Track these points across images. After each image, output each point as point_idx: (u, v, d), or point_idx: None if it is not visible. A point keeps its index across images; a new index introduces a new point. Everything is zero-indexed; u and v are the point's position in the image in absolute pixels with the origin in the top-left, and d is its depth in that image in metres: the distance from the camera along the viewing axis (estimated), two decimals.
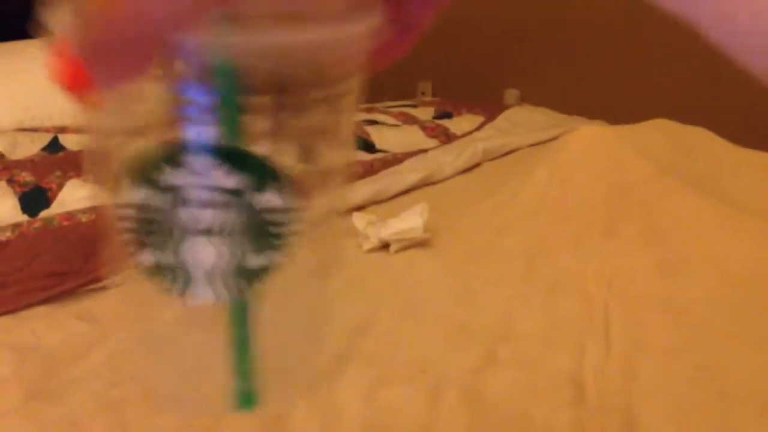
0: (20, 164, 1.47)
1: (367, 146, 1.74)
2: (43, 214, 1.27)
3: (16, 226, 1.21)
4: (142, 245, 0.27)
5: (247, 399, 0.30)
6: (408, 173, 1.49)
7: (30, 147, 1.59)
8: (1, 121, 1.73)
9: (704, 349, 0.86)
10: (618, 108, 2.08)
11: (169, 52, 0.21)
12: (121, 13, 0.19)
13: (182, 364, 0.31)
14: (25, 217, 1.25)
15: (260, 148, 0.26)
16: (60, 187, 1.35)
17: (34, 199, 1.31)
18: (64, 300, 1.02)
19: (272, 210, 0.26)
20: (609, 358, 0.87)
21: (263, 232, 0.26)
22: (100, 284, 1.06)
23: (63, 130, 1.69)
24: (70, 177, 1.39)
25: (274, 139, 0.26)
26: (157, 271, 0.27)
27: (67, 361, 0.88)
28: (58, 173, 1.40)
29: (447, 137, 1.81)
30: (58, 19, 0.23)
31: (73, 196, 1.33)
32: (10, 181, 1.36)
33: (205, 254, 0.26)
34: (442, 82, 3.13)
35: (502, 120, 1.95)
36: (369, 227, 1.17)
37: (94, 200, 1.31)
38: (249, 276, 0.27)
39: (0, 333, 0.94)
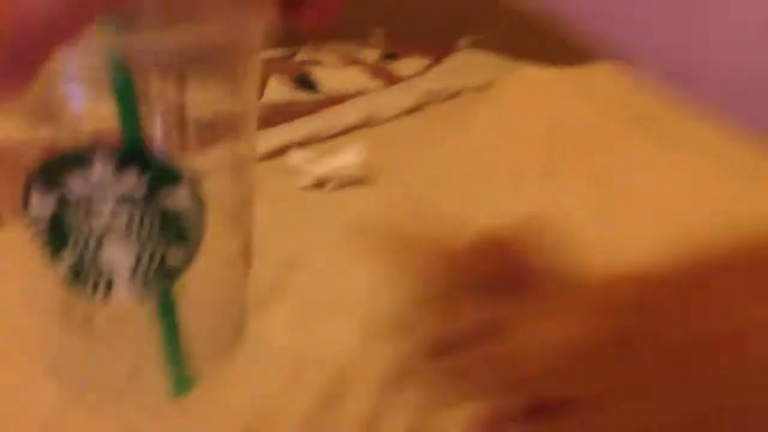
0: None
1: (309, 86, 1.69)
2: None
3: None
4: (58, 253, 0.27)
5: (182, 383, 0.32)
6: (348, 113, 1.46)
7: None
8: None
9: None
10: (567, 54, 2.06)
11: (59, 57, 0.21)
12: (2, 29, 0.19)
13: (118, 358, 0.32)
14: None
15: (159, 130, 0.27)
16: None
17: None
18: None
19: (183, 208, 0.27)
20: None
21: (178, 229, 0.27)
22: None
23: None
24: None
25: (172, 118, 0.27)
26: (77, 278, 0.28)
27: None
28: None
29: (391, 79, 1.78)
30: None
31: None
32: None
33: (124, 257, 0.27)
34: (395, 30, 3.08)
35: (449, 63, 1.92)
36: (305, 164, 1.14)
37: None
38: (169, 271, 0.28)
39: None
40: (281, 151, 1.29)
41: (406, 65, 1.97)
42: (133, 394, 0.34)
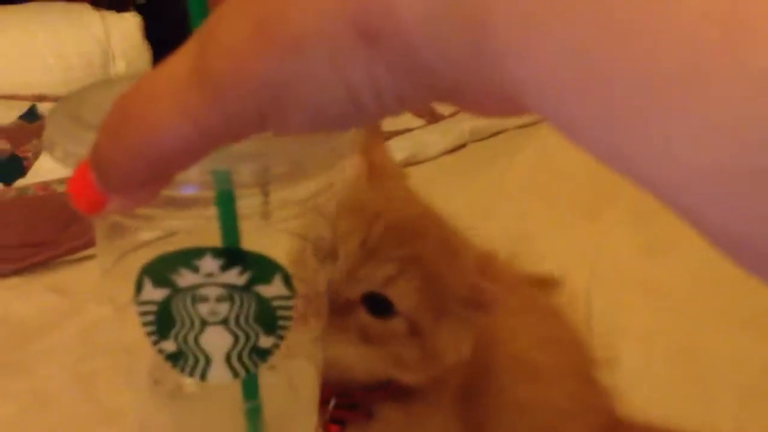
0: None
1: None
2: (19, 183, 1.24)
3: None
4: (163, 335, 0.30)
5: None
6: (393, 152, 1.47)
7: (7, 114, 1.56)
8: None
9: (687, 332, 0.86)
10: None
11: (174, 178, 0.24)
12: (137, 154, 0.21)
13: (200, 429, 0.35)
14: None
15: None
16: (36, 156, 1.32)
17: (9, 168, 1.28)
18: (36, 271, 1.01)
19: (277, 297, 0.30)
20: (591, 341, 0.86)
21: (271, 316, 0.30)
22: (74, 256, 1.04)
23: (41, 98, 1.66)
24: None
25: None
26: (179, 357, 0.30)
27: (36, 333, 0.86)
28: (34, 142, 1.37)
29: (433, 116, 1.79)
30: (70, 144, 0.26)
31: (50, 166, 1.30)
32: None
33: (223, 341, 0.30)
34: None
35: None
36: None
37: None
38: (261, 354, 0.31)
39: None
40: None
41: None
42: None
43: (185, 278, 0.28)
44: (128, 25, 1.99)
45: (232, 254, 0.28)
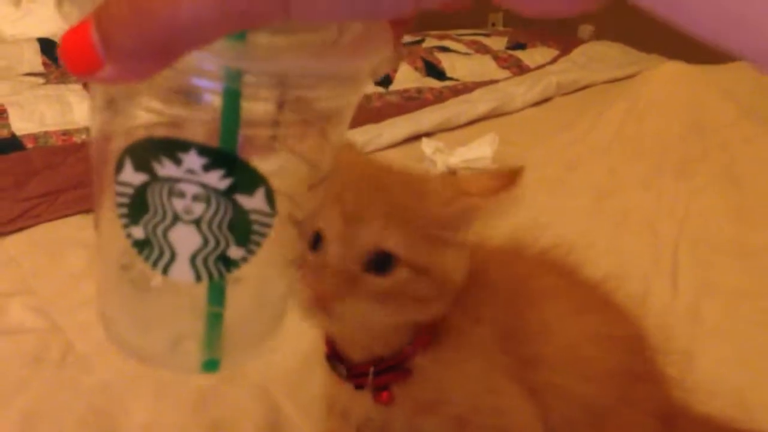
0: None
1: (438, 74, 1.71)
2: None
3: None
4: (134, 220, 0.29)
5: (210, 365, 0.33)
6: (478, 103, 1.47)
7: None
8: None
9: None
10: (697, 47, 1.99)
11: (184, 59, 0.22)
12: (153, 20, 0.20)
13: (162, 325, 0.34)
14: None
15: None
16: None
17: None
18: None
19: (256, 211, 0.29)
20: (675, 297, 0.85)
21: (246, 229, 0.29)
22: None
23: None
24: None
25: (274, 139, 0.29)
26: (145, 245, 0.29)
27: None
28: None
29: (519, 69, 1.77)
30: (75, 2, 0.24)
31: None
32: (87, 85, 1.38)
33: (191, 240, 0.29)
34: (514, 13, 3.04)
35: (578, 54, 1.90)
36: (437, 153, 1.16)
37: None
38: (227, 264, 0.30)
39: (75, 231, 0.97)
40: (413, 138, 1.32)
41: (533, 55, 1.96)
42: (168, 360, 0.35)
43: (166, 168, 0.27)
44: None
45: (218, 155, 0.27)
